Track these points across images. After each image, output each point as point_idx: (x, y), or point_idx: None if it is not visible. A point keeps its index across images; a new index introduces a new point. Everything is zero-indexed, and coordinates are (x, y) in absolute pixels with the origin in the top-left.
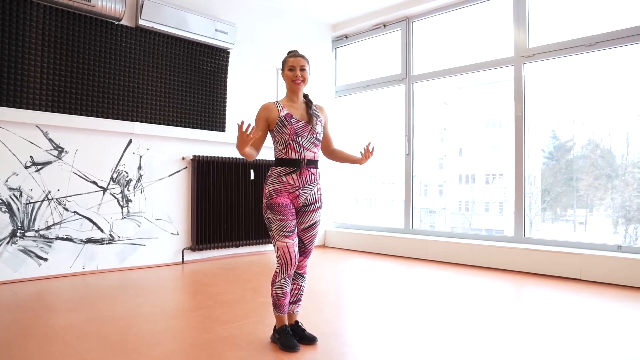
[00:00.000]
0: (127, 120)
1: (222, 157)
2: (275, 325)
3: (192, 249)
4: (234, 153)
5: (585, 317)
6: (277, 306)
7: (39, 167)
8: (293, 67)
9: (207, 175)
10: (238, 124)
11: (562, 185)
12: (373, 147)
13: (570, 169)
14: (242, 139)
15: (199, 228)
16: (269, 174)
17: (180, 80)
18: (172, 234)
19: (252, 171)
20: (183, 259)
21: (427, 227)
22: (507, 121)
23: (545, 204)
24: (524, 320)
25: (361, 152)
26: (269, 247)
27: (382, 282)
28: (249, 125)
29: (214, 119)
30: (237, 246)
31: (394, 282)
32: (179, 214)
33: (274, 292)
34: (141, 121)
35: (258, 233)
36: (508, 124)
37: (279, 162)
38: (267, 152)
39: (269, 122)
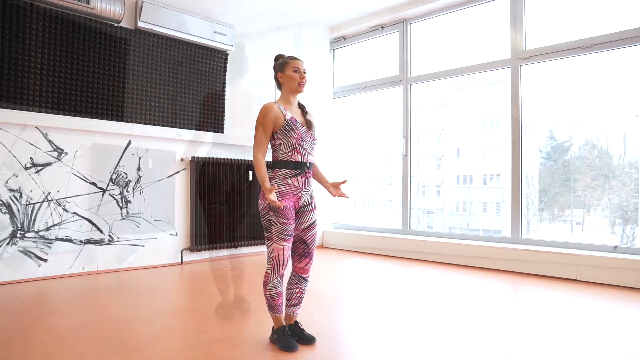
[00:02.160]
0: (127, 121)
1: (220, 159)
2: (273, 326)
3: (191, 249)
4: (232, 154)
5: (580, 317)
6: (272, 307)
7: (39, 168)
8: (298, 69)
9: (205, 176)
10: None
11: (559, 186)
12: (345, 196)
13: (568, 169)
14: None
15: (198, 229)
16: (270, 175)
17: (179, 81)
18: (171, 234)
19: (250, 172)
20: (182, 259)
21: (425, 228)
22: (504, 122)
23: (543, 204)
24: (520, 321)
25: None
26: None
27: (380, 282)
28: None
29: (212, 121)
30: (235, 247)
31: (392, 282)
32: (178, 215)
33: (267, 293)
34: (140, 122)
35: (257, 234)
36: (505, 125)
37: (285, 164)
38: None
39: (275, 125)
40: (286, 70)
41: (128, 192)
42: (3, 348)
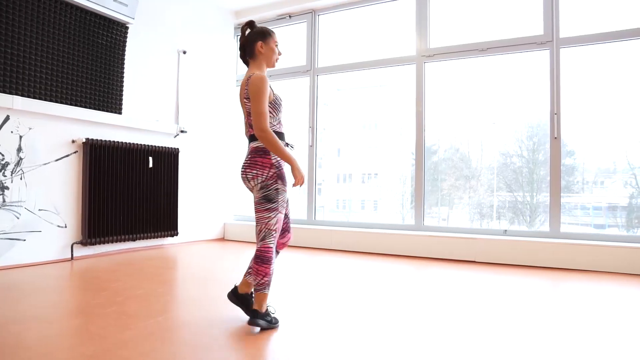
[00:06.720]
0: (4, 92)
1: (118, 142)
2: (257, 310)
3: (83, 243)
4: (131, 138)
5: (483, 293)
6: (269, 284)
7: None
8: (277, 44)
9: (100, 161)
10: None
11: (429, 185)
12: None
13: (436, 170)
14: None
15: (91, 220)
16: (263, 148)
17: (72, 52)
18: (59, 226)
19: (150, 158)
20: (72, 254)
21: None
22: (382, 124)
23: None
24: (435, 299)
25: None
26: (168, 241)
27: (289, 271)
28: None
29: (109, 99)
30: (133, 240)
31: (300, 270)
32: (68, 204)
33: (271, 269)
34: (22, 95)
35: (157, 225)
36: (383, 127)
37: (278, 135)
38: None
39: (269, 97)
40: (269, 42)
41: (5, 176)
42: None
